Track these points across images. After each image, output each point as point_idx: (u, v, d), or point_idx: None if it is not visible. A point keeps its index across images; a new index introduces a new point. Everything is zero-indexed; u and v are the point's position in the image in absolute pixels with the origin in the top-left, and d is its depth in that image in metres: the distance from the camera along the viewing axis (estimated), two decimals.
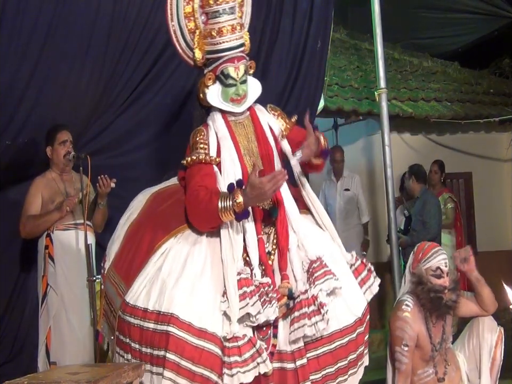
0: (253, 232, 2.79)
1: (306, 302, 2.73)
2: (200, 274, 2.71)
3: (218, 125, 2.92)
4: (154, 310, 2.66)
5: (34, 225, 4.04)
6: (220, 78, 2.88)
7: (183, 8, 2.90)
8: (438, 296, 3.39)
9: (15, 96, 4.09)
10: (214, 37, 2.85)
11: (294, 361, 2.72)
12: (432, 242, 3.59)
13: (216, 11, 2.86)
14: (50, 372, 2.58)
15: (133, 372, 2.52)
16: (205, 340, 2.59)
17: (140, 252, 2.86)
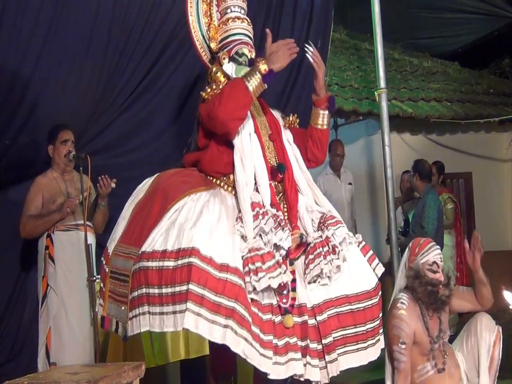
0: (264, 173, 2.87)
1: (320, 244, 2.81)
2: (217, 218, 2.71)
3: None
4: (174, 248, 2.61)
5: (34, 225, 4.04)
6: (234, 58, 3.06)
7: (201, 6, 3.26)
8: (434, 290, 3.42)
9: (15, 96, 4.09)
10: (229, 24, 3.12)
11: (315, 317, 2.73)
12: (427, 238, 3.63)
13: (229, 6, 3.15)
14: (50, 372, 2.58)
15: (133, 372, 2.52)
16: (227, 272, 2.55)
17: (150, 216, 2.85)
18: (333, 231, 2.85)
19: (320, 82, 3.11)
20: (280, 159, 3.00)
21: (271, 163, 2.97)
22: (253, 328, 2.53)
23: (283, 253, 2.69)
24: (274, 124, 3.10)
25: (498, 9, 8.55)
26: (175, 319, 2.53)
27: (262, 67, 2.79)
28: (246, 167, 2.85)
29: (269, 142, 3.02)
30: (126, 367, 2.51)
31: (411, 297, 3.48)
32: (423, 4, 8.83)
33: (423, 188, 6.04)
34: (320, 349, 2.72)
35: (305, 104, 5.17)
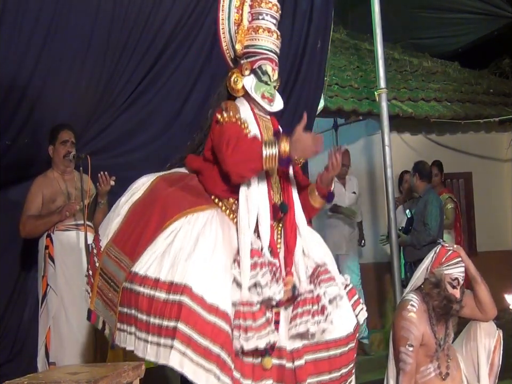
0: (266, 213, 2.79)
1: (311, 301, 2.75)
2: (212, 250, 2.70)
3: (245, 111, 2.94)
4: (167, 280, 2.62)
5: (34, 225, 4.04)
6: (256, 72, 2.93)
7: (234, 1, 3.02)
8: (449, 306, 3.40)
9: (15, 96, 4.09)
10: (260, 33, 2.94)
11: (293, 361, 2.72)
12: (455, 250, 3.51)
13: (263, 13, 2.96)
14: (50, 372, 2.57)
15: (133, 372, 2.52)
16: (216, 315, 2.56)
17: (147, 229, 2.83)
18: (324, 289, 2.78)
19: (329, 179, 3.02)
20: (285, 197, 2.92)
21: (275, 200, 2.89)
22: (234, 373, 2.57)
23: (273, 303, 2.70)
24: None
25: (498, 9, 8.55)
26: (158, 351, 2.56)
27: (284, 147, 2.68)
28: (250, 209, 2.77)
29: (276, 177, 2.93)
30: (126, 367, 2.50)
31: (421, 299, 3.45)
32: (423, 4, 8.83)
33: (423, 188, 6.05)
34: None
35: (305, 104, 5.18)
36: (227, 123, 2.81)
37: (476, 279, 3.50)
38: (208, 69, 4.75)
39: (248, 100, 2.96)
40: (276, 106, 3.00)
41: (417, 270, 3.61)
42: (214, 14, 4.71)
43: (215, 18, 4.70)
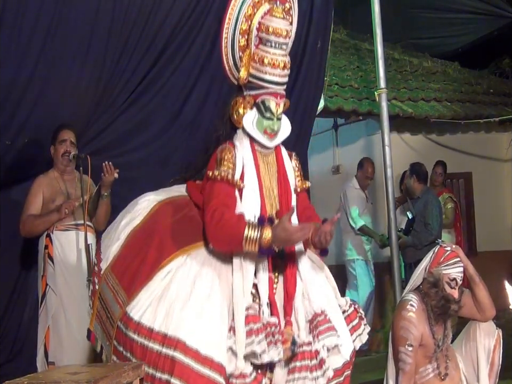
0: (265, 269, 2.74)
1: (309, 355, 2.72)
2: (208, 297, 2.67)
3: (245, 151, 2.84)
4: (161, 331, 2.62)
5: (33, 225, 4.04)
6: (259, 107, 2.81)
7: (240, 24, 2.82)
8: (447, 306, 3.40)
9: (15, 96, 4.09)
10: (265, 65, 2.77)
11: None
12: (454, 250, 3.50)
13: (274, 42, 2.79)
14: (50, 372, 2.57)
15: (133, 372, 2.52)
16: (210, 368, 2.56)
17: (145, 265, 2.80)
18: (323, 342, 2.75)
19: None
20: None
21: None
22: None
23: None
24: (285, 194, 2.89)
25: (498, 9, 8.55)
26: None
27: (266, 236, 2.58)
28: (245, 275, 2.71)
29: (275, 221, 2.78)
30: (126, 367, 2.50)
31: (420, 299, 3.45)
32: (423, 4, 8.84)
33: (420, 189, 6.09)
34: None
35: (305, 104, 5.18)
36: (218, 182, 2.75)
37: (474, 279, 3.50)
38: (208, 69, 4.75)
39: (249, 133, 2.85)
40: (279, 139, 2.88)
41: (416, 270, 3.61)
42: (214, 14, 4.75)
43: (218, 17, 4.75)
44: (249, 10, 2.82)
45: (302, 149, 5.29)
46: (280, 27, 2.82)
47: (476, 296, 3.50)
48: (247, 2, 2.82)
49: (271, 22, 2.80)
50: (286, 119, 2.91)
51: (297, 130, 5.11)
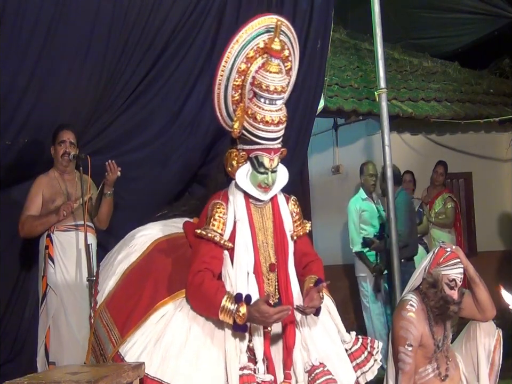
0: (260, 326, 2.71)
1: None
2: (204, 345, 2.67)
3: (238, 206, 2.80)
4: (156, 377, 2.61)
5: (32, 226, 4.04)
6: (253, 162, 2.77)
7: (233, 80, 2.77)
8: (446, 306, 3.40)
9: (15, 96, 4.09)
10: (258, 121, 2.72)
11: None
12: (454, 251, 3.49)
13: (267, 99, 2.73)
14: (50, 372, 2.57)
15: (133, 372, 2.52)
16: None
17: (139, 306, 2.79)
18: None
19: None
20: (282, 292, 2.78)
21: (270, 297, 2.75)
22: None
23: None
24: (282, 246, 2.83)
25: (498, 9, 8.55)
26: None
27: (242, 311, 2.56)
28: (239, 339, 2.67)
29: (269, 272, 2.79)
30: (126, 367, 2.50)
31: (420, 299, 3.45)
32: (423, 4, 8.83)
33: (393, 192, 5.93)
34: None
35: (305, 104, 5.17)
36: (205, 241, 2.72)
37: (475, 280, 3.50)
38: (208, 69, 4.75)
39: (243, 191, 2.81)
40: (274, 191, 2.83)
41: (416, 270, 3.61)
42: (214, 14, 4.75)
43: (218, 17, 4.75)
44: (243, 65, 2.75)
45: (302, 149, 5.29)
46: (274, 84, 2.73)
47: (476, 296, 3.50)
48: (240, 57, 2.74)
49: (265, 78, 2.72)
50: (282, 168, 2.86)
51: (297, 130, 5.11)
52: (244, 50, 2.73)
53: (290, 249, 2.85)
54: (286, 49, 2.91)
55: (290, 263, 2.83)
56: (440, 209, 6.90)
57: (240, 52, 2.73)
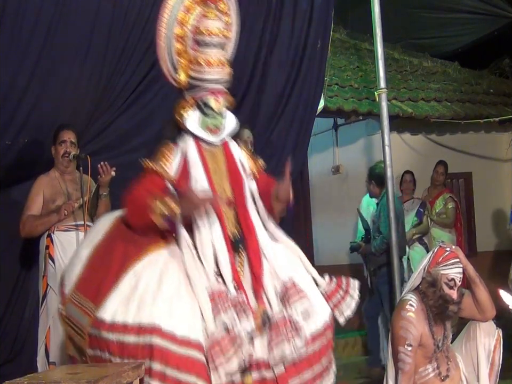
0: (224, 251, 2.80)
1: (283, 323, 2.76)
2: (177, 288, 2.73)
3: (190, 151, 2.94)
4: (135, 323, 2.65)
5: (32, 225, 4.04)
6: (200, 106, 2.92)
7: (174, 29, 2.96)
8: (445, 306, 3.40)
9: (15, 97, 4.09)
10: (202, 65, 2.89)
11: (272, 369, 2.75)
12: (453, 251, 3.51)
13: (207, 42, 2.91)
14: (50, 372, 2.57)
15: (133, 372, 2.52)
16: (188, 347, 2.60)
17: (110, 272, 2.84)
18: (295, 308, 2.80)
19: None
20: (243, 226, 2.90)
21: (231, 233, 2.87)
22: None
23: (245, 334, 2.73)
24: (237, 184, 2.97)
25: (498, 9, 8.56)
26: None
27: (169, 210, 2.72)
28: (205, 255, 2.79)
29: (229, 209, 2.91)
30: (126, 367, 2.50)
31: (419, 299, 3.45)
32: (423, 4, 8.84)
33: (379, 193, 5.87)
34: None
35: (305, 104, 5.18)
36: (148, 173, 2.93)
37: (474, 280, 3.50)
38: None
39: (194, 135, 2.95)
40: (226, 132, 2.98)
41: (415, 270, 3.61)
42: None
43: None
44: (182, 15, 2.94)
45: (302, 149, 5.30)
46: (213, 26, 2.92)
47: (476, 297, 3.50)
48: (179, 8, 2.95)
49: (204, 23, 2.91)
50: (230, 115, 3.01)
51: (297, 130, 5.12)
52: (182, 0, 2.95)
53: (246, 186, 2.97)
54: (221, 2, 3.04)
55: (247, 199, 2.95)
56: (440, 209, 6.90)
57: (178, 2, 2.96)
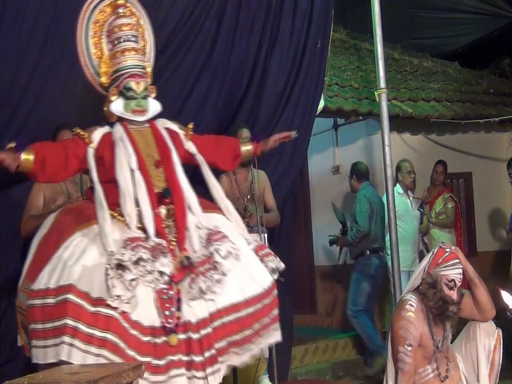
0: (147, 206, 2.96)
1: (202, 262, 2.91)
2: (100, 255, 2.85)
3: (115, 130, 3.17)
4: (56, 286, 2.80)
5: (33, 225, 4.02)
6: (123, 93, 3.19)
7: (91, 38, 3.30)
8: (445, 307, 3.40)
9: (15, 96, 4.09)
10: (118, 57, 3.20)
11: (199, 331, 2.85)
12: (453, 252, 3.52)
13: (120, 37, 3.22)
14: (50, 372, 2.57)
15: (133, 372, 2.52)
16: (101, 306, 2.73)
17: (45, 255, 2.99)
18: (216, 247, 2.94)
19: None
20: (169, 182, 3.10)
21: (158, 189, 3.07)
22: (128, 352, 2.74)
23: (166, 279, 2.85)
24: (163, 149, 3.19)
25: (498, 9, 8.55)
26: (56, 351, 2.75)
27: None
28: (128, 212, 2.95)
29: (156, 170, 3.12)
30: (126, 367, 2.51)
31: (419, 300, 3.45)
32: (423, 4, 8.83)
33: (358, 188, 6.20)
34: (203, 361, 2.86)
35: (305, 104, 5.18)
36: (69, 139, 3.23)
37: (474, 281, 3.50)
38: (208, 68, 4.75)
39: (121, 121, 3.21)
40: (151, 113, 3.26)
41: (415, 270, 3.62)
42: (214, 14, 4.75)
43: (218, 17, 4.76)
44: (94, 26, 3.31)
45: (302, 149, 5.30)
46: (123, 22, 3.24)
47: (476, 297, 3.50)
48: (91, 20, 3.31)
49: (115, 22, 3.25)
50: (153, 100, 3.30)
51: (297, 130, 5.12)
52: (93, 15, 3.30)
53: (173, 153, 3.19)
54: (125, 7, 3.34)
55: (175, 163, 3.15)
56: (440, 209, 6.90)
57: (89, 20, 3.31)
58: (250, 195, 4.47)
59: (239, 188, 4.57)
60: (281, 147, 5.14)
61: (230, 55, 4.86)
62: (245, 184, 4.56)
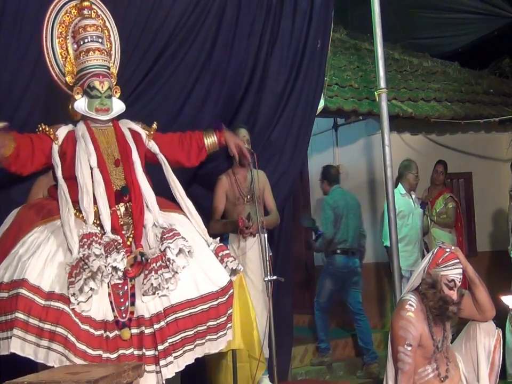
0: (104, 204, 3.03)
1: (155, 259, 2.96)
2: (54, 251, 2.91)
3: (78, 128, 3.24)
4: (9, 280, 2.86)
5: None
6: (87, 92, 3.25)
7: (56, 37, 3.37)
8: (445, 307, 3.40)
9: (15, 97, 4.09)
10: (81, 57, 3.27)
11: (152, 326, 2.90)
12: (453, 252, 3.53)
13: (85, 37, 3.28)
14: (51, 372, 2.58)
15: (133, 372, 2.52)
16: (52, 299, 2.79)
17: (5, 248, 3.04)
18: (167, 244, 3.00)
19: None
20: (128, 181, 3.17)
21: (117, 187, 3.15)
22: (78, 345, 2.80)
23: (120, 274, 2.91)
24: (124, 148, 3.26)
25: (498, 9, 8.55)
26: (8, 343, 2.84)
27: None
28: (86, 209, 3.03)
29: (116, 168, 3.20)
30: (126, 367, 2.51)
31: (419, 300, 3.46)
32: (423, 4, 8.83)
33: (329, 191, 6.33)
34: (157, 354, 2.90)
35: (305, 104, 5.17)
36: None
37: (474, 281, 3.50)
38: (208, 69, 4.75)
39: (84, 119, 3.29)
40: (114, 112, 3.30)
41: (415, 270, 3.62)
42: (214, 14, 4.75)
43: (218, 17, 4.76)
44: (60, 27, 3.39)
45: (302, 149, 5.29)
46: (88, 23, 3.31)
47: (476, 297, 3.50)
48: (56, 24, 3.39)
49: (80, 23, 3.32)
50: (117, 100, 3.33)
51: (297, 130, 5.11)
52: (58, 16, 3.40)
53: (133, 152, 3.25)
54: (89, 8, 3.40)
55: (135, 162, 3.23)
56: (441, 209, 6.91)
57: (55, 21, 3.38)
58: (250, 195, 4.46)
59: (239, 188, 4.57)
60: (281, 147, 5.15)
61: (230, 55, 4.85)
62: (245, 184, 4.56)
